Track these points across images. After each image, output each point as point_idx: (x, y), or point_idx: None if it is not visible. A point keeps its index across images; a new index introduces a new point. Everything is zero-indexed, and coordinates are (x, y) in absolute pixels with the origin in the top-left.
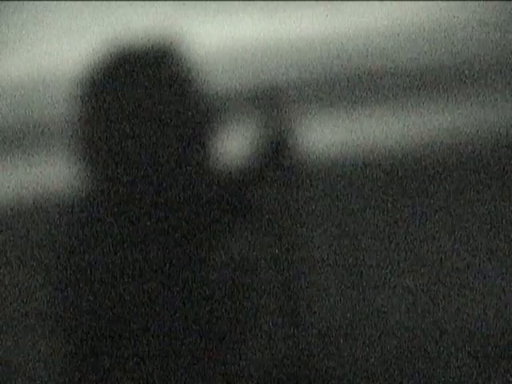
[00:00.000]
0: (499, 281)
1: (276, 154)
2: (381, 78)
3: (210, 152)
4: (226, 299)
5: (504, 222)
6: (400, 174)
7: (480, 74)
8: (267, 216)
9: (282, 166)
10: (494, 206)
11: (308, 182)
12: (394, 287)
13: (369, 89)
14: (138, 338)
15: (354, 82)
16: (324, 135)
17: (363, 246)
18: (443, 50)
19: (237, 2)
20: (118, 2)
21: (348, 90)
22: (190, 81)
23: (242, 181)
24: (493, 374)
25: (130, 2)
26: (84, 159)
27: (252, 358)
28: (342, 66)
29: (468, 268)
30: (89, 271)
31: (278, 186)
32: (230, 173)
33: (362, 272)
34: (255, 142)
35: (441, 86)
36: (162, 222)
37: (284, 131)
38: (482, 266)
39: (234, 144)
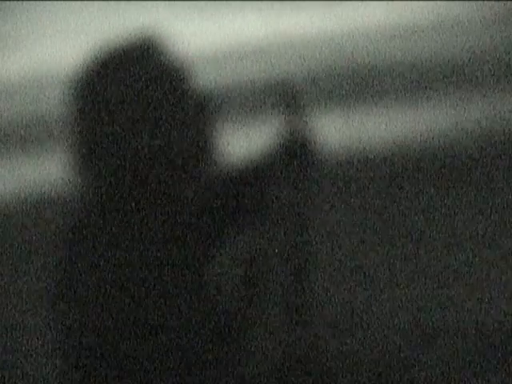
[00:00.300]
0: (501, 278)
1: (285, 150)
2: (381, 77)
3: (211, 149)
4: (233, 296)
5: (505, 219)
6: (405, 170)
7: (480, 72)
8: (275, 213)
9: (290, 162)
10: (496, 203)
11: (316, 178)
12: (400, 284)
13: (368, 87)
14: (140, 336)
15: (354, 81)
16: (326, 132)
17: (370, 242)
18: (445, 49)
19: (236, 2)
20: (116, 3)
21: (348, 89)
22: (186, 78)
23: (250, 177)
24: (494, 370)
25: (130, 3)
26: (81, 158)
27: (258, 354)
28: (341, 64)
29: (471, 267)
30: (90, 269)
31: (287, 182)
32: (234, 169)
33: (368, 268)
34: (265, 139)
35: (444, 84)
36: (164, 220)
37: (296, 128)
38: (484, 264)
39: (237, 140)
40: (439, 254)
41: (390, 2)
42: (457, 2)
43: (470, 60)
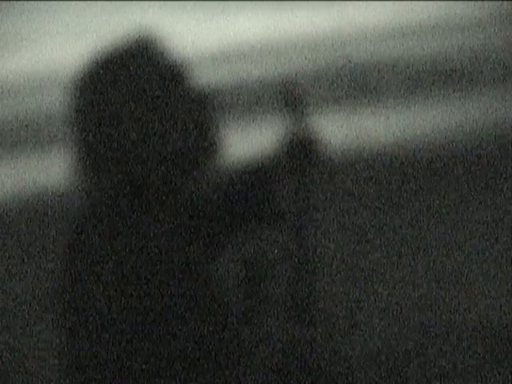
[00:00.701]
0: (501, 278)
1: (288, 151)
2: (381, 77)
3: (211, 149)
4: (234, 296)
5: (505, 219)
6: (405, 170)
7: (480, 72)
8: (278, 212)
9: (294, 162)
10: (496, 203)
11: (319, 178)
12: (400, 284)
13: (368, 87)
14: (141, 336)
15: (354, 81)
16: (326, 132)
17: (371, 240)
18: (445, 49)
19: (236, 2)
20: (116, 3)
21: (348, 89)
22: (186, 78)
23: (252, 178)
24: (494, 370)
25: (130, 3)
26: (82, 158)
27: (258, 354)
28: (341, 64)
29: (471, 267)
30: (91, 269)
31: (290, 182)
32: (237, 170)
33: (369, 268)
34: (266, 138)
35: (444, 84)
36: (165, 220)
37: (299, 128)
38: (484, 264)
39: (236, 140)
40: (439, 254)
41: (389, 2)
42: (457, 2)
43: (470, 60)
